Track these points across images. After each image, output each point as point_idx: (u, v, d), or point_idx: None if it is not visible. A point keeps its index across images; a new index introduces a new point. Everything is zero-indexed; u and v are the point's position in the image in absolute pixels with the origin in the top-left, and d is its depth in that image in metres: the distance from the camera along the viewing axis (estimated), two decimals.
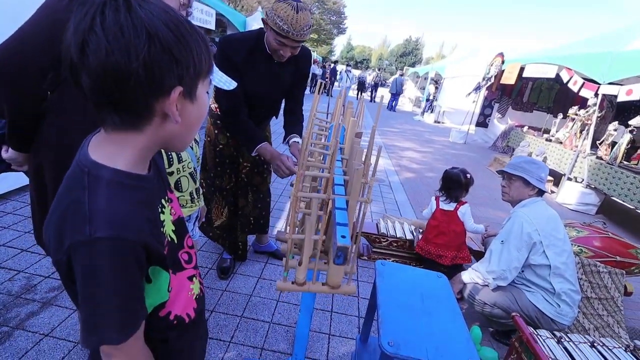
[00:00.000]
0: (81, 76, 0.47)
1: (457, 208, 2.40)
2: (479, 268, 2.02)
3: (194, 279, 0.72)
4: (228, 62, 1.73)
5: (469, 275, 2.05)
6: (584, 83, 5.53)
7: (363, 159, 0.87)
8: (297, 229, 1.07)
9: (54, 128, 1.12)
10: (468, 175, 2.43)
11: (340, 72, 16.09)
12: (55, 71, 1.08)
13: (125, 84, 0.47)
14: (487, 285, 1.99)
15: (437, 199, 2.52)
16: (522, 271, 1.95)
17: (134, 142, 0.54)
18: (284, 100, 2.09)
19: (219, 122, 1.98)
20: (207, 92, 0.61)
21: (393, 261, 2.23)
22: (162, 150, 1.15)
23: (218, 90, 1.85)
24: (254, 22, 9.31)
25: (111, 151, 0.54)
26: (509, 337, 1.99)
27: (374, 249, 2.76)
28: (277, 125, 2.22)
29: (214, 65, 0.60)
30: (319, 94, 1.16)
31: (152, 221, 0.58)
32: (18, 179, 2.71)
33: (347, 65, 18.83)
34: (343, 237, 0.74)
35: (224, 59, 1.75)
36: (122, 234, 0.51)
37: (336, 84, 17.39)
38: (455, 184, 2.40)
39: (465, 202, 2.43)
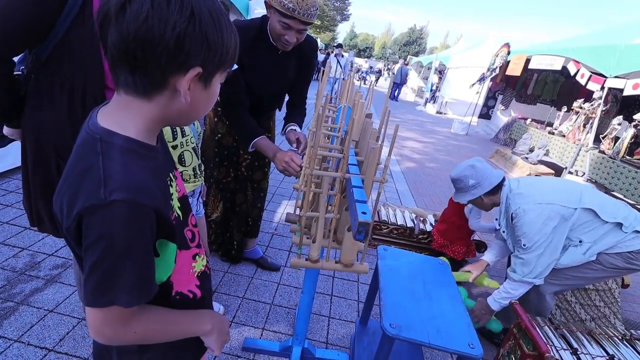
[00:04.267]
0: (110, 29, 0.48)
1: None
2: (505, 287, 1.70)
3: (197, 257, 0.73)
4: None
5: (496, 300, 1.72)
6: (591, 76, 5.48)
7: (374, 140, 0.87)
8: (302, 209, 1.07)
9: (31, 109, 1.15)
10: None
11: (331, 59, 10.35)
12: (35, 53, 1.08)
13: (151, 50, 0.48)
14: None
15: None
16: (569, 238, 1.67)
17: (143, 110, 0.55)
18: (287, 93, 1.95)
19: (219, 109, 1.88)
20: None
21: None
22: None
23: None
24: (257, 6, 9.14)
25: (121, 118, 0.55)
26: (492, 339, 1.99)
27: (374, 236, 2.78)
28: (281, 115, 2.16)
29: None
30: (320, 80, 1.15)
31: (163, 191, 0.58)
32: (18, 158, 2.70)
33: (337, 47, 10.83)
34: (364, 213, 0.74)
35: None
36: (138, 198, 0.51)
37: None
38: None
39: None
